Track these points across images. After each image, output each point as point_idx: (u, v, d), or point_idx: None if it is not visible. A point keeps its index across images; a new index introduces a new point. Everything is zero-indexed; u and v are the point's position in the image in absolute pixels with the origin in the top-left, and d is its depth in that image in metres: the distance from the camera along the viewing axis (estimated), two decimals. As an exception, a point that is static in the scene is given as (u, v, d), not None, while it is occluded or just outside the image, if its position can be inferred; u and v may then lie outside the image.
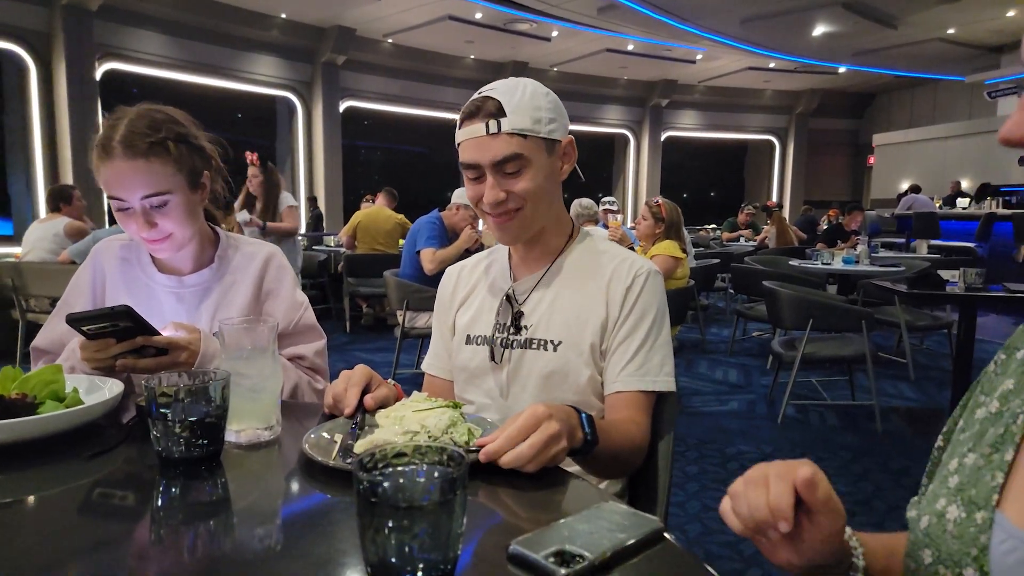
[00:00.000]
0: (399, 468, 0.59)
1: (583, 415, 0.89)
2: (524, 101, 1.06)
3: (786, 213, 11.78)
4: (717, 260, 6.13)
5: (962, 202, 10.45)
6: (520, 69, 13.23)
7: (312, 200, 11.45)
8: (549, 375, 1.09)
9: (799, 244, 7.77)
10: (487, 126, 1.05)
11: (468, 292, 1.25)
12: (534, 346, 1.14)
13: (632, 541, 0.63)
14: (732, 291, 6.80)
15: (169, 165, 1.24)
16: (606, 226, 4.87)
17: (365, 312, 6.55)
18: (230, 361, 0.95)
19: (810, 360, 3.55)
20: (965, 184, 12.19)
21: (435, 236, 4.13)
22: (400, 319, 3.95)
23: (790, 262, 5.44)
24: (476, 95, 1.09)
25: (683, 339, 5.94)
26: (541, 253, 1.19)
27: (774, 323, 3.99)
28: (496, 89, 1.08)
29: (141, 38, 9.62)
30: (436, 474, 0.58)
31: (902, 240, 8.59)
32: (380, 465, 0.59)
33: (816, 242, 7.46)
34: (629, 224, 7.84)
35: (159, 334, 1.15)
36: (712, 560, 2.24)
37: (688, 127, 16.44)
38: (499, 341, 1.16)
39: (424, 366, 1.31)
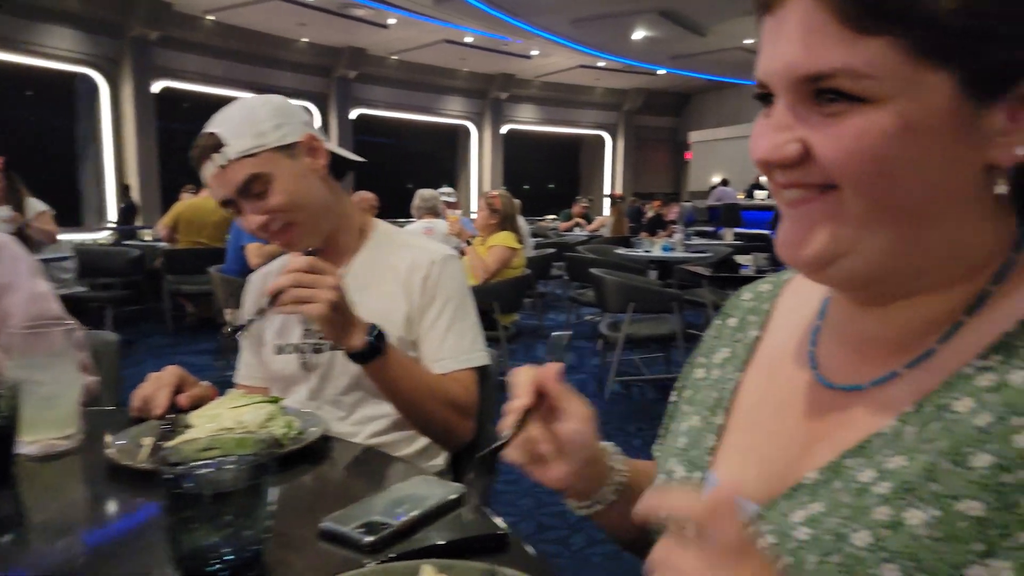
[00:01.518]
0: (206, 460, 0.62)
1: (378, 332, 0.99)
2: (239, 123, 1.08)
3: (618, 204, 12.65)
4: (553, 250, 6.46)
5: (760, 193, 11.92)
6: (358, 55, 12.86)
7: (124, 189, 10.31)
8: (360, 374, 1.09)
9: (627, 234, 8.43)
10: (215, 161, 1.07)
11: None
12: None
13: (434, 505, 0.71)
14: (567, 278, 7.20)
15: None
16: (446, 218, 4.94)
17: (189, 312, 6.08)
18: (22, 369, 0.89)
19: (632, 339, 3.90)
20: (764, 177, 13.88)
21: (265, 229, 3.95)
22: (228, 318, 3.74)
23: (616, 250, 5.89)
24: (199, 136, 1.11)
25: (522, 326, 6.18)
26: (337, 256, 1.19)
27: (602, 307, 4.32)
28: (213, 122, 1.10)
29: None
30: (241, 463, 0.61)
31: (712, 228, 9.64)
32: (188, 460, 0.61)
33: (640, 231, 8.14)
34: (471, 215, 7.99)
35: None
36: (544, 530, 2.42)
37: (527, 120, 17.02)
38: (310, 347, 1.17)
39: (238, 379, 1.27)
